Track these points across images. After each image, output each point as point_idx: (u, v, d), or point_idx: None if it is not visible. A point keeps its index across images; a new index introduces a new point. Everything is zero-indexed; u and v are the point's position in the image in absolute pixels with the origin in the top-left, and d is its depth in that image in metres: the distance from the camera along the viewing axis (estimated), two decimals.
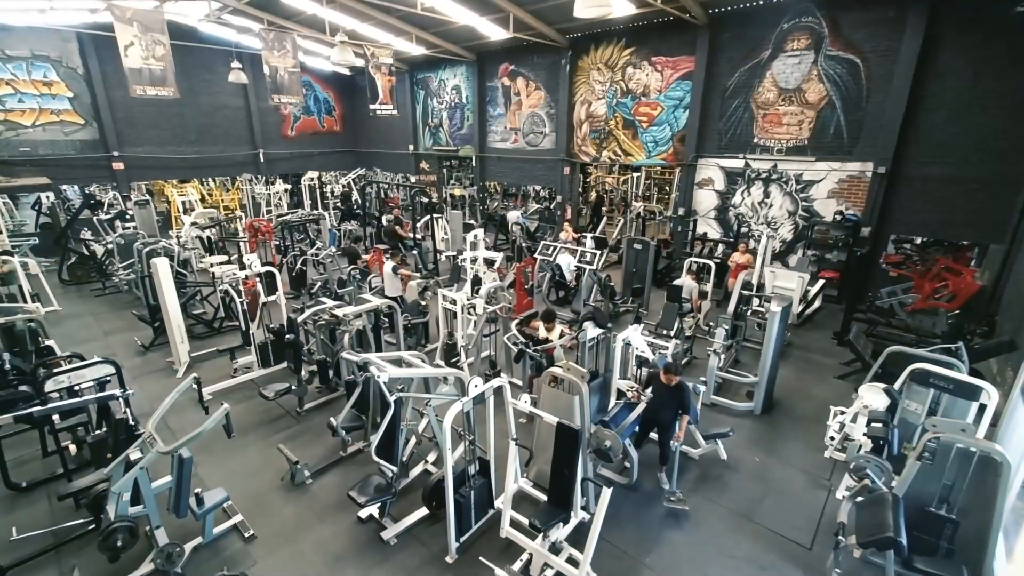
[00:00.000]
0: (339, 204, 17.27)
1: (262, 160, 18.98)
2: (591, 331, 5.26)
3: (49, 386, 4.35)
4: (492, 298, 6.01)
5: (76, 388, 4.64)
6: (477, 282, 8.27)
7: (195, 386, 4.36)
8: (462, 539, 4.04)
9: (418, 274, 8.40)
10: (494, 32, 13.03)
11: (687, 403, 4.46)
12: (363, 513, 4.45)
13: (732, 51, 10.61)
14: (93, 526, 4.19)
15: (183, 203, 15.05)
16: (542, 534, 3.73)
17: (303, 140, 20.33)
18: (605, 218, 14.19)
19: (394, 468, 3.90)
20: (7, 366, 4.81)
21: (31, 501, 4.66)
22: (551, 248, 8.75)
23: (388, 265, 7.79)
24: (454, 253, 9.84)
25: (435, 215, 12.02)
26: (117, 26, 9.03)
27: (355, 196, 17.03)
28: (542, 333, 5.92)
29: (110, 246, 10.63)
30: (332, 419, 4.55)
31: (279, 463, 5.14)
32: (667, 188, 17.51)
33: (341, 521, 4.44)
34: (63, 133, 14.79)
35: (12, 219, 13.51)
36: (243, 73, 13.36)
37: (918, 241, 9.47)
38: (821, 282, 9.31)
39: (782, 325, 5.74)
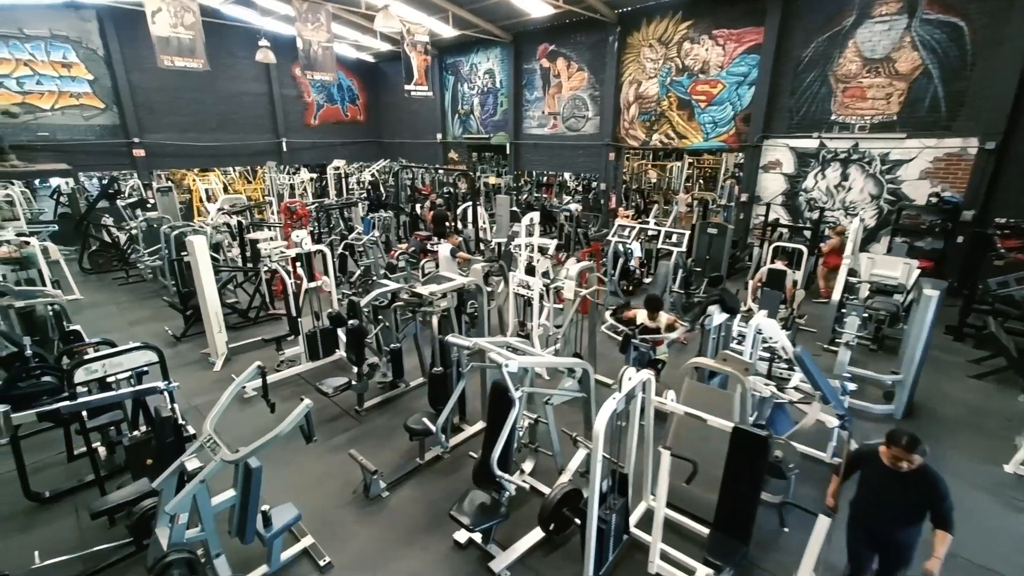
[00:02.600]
0: (366, 194, 16.50)
1: (285, 149, 18.28)
2: (717, 317, 4.38)
3: (79, 376, 3.54)
4: (584, 280, 5.15)
5: (110, 380, 3.85)
6: (531, 270, 7.47)
7: (246, 386, 3.50)
8: (600, 573, 3.18)
9: (480, 257, 7.56)
10: (538, 8, 12.22)
11: (942, 503, 2.52)
12: (459, 536, 3.60)
13: (808, 19, 9.68)
14: (133, 550, 3.38)
15: (206, 191, 14.35)
16: (717, 572, 2.86)
17: (326, 129, 19.62)
18: (655, 206, 13.29)
19: (518, 483, 3.05)
20: (28, 352, 4.02)
21: (55, 516, 3.87)
22: (627, 230, 7.86)
23: (445, 248, 6.97)
24: (504, 239, 9.02)
25: (475, 203, 11.19)
26: None
27: (383, 186, 16.25)
28: (640, 321, 5.06)
29: (134, 231, 9.94)
30: (425, 420, 3.71)
31: (345, 471, 4.32)
32: (702, 176, 16.67)
33: (433, 546, 3.59)
34: (82, 117, 14.14)
35: (30, 207, 12.90)
36: (270, 52, 12.61)
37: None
38: (916, 272, 8.36)
39: (936, 312, 4.82)
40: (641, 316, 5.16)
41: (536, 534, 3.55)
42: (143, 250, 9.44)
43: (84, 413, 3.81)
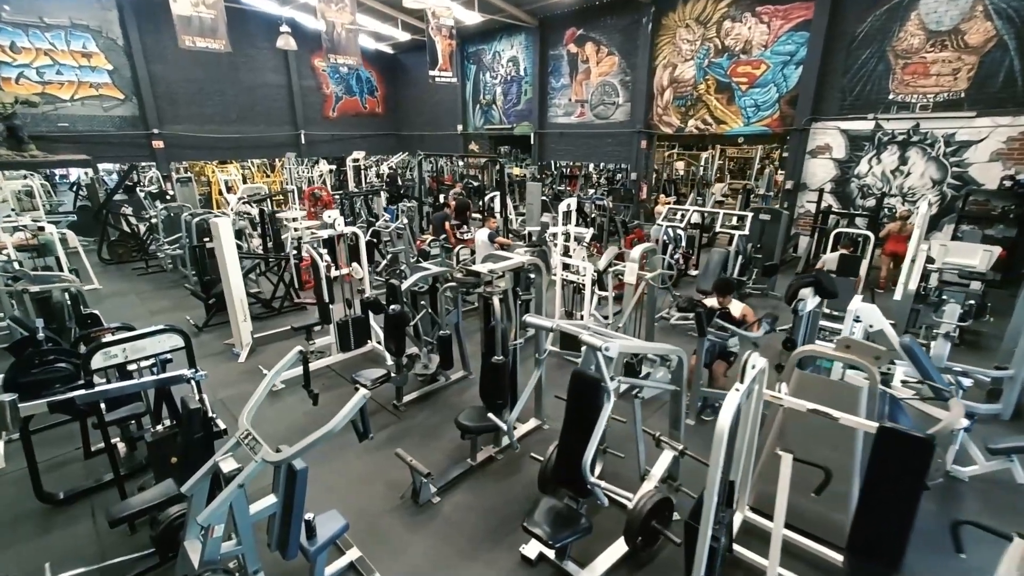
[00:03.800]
0: (384, 187, 16.11)
1: (303, 141, 18.00)
2: (810, 301, 3.84)
3: (97, 361, 3.12)
4: (645, 263, 4.63)
5: (131, 368, 3.42)
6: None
7: (279, 376, 3.02)
8: None
9: (521, 242, 7.07)
10: None
11: None
12: (527, 549, 3.11)
13: None
14: (156, 562, 2.95)
15: (225, 183, 14.07)
16: None
17: (345, 121, 19.30)
18: (690, 196, 12.68)
19: (612, 490, 2.54)
20: (41, 335, 3.62)
21: (70, 519, 3.46)
22: (678, 213, 7.31)
23: (483, 232, 6.49)
24: (537, 228, 8.55)
25: (503, 192, 10.71)
26: None
27: (403, 178, 15.86)
28: (710, 305, 4.53)
29: (154, 220, 9.64)
30: (492, 415, 3.23)
31: (387, 472, 3.86)
32: (729, 169, 16.00)
33: (497, 561, 3.11)
34: (102, 108, 13.95)
35: (49, 200, 12.74)
36: (291, 38, 12.25)
37: None
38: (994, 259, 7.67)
39: None
40: (710, 302, 4.64)
41: (617, 549, 3.05)
42: (163, 239, 9.14)
43: (102, 405, 3.41)
